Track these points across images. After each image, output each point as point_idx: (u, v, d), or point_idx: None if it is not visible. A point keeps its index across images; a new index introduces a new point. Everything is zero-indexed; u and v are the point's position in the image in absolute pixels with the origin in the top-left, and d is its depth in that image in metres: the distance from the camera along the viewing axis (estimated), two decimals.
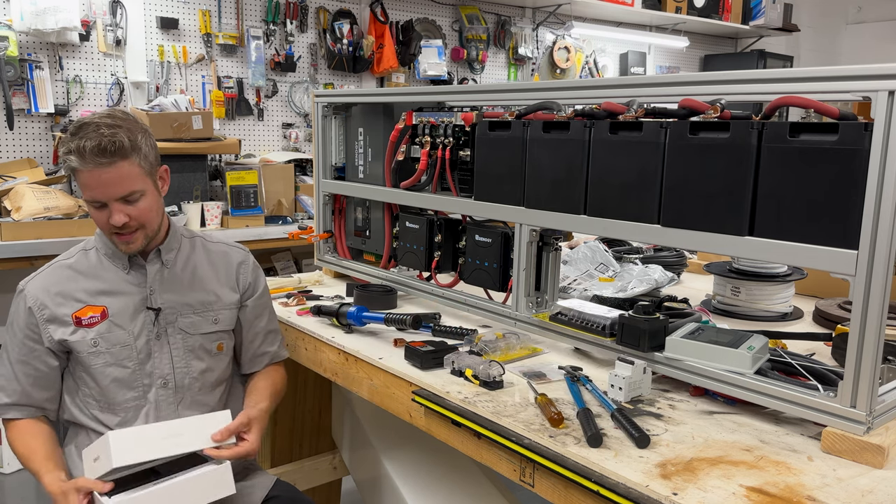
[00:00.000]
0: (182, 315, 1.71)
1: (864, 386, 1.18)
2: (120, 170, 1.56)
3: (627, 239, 1.94)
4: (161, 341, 1.69)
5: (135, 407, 1.67)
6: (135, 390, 1.67)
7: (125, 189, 1.58)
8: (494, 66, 5.60)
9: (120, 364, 1.65)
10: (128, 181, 1.57)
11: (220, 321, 1.77)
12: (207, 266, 1.79)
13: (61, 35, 3.69)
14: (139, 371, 1.66)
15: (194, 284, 1.75)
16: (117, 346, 1.65)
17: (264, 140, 4.65)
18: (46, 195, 3.30)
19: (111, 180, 1.56)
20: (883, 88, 1.11)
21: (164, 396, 1.68)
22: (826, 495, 1.08)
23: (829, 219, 1.21)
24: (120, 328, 1.65)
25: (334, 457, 2.60)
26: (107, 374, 1.64)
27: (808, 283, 2.22)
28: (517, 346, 1.69)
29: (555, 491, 1.25)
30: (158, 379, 1.68)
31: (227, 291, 1.79)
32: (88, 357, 1.64)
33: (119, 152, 1.54)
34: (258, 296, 1.85)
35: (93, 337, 1.63)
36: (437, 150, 1.90)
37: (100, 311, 1.65)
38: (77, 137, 1.53)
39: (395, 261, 2.21)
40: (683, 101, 1.39)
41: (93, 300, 1.66)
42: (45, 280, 1.67)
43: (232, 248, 1.86)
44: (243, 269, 1.83)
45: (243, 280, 1.83)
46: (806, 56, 7.40)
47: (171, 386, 1.69)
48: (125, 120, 1.61)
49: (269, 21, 4.50)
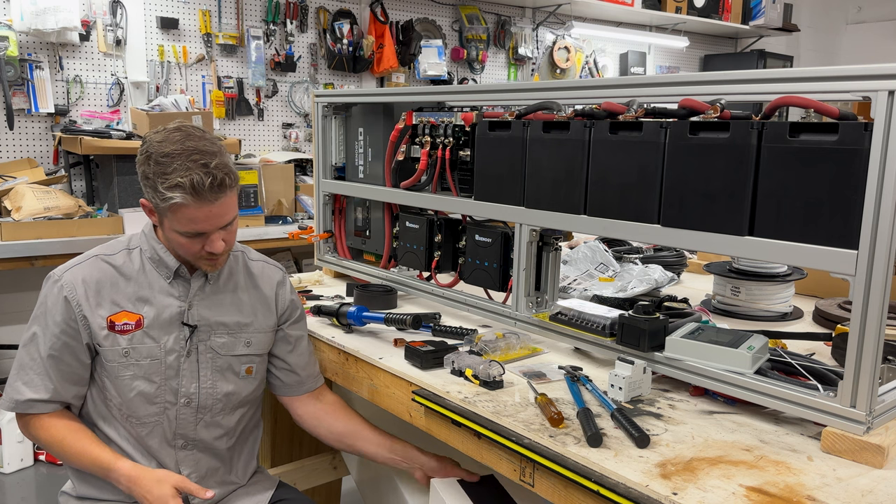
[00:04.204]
0: (216, 334, 1.64)
1: (863, 386, 1.18)
2: (228, 200, 1.50)
3: (627, 239, 1.93)
4: (191, 359, 1.61)
5: (154, 423, 1.60)
6: (157, 405, 1.59)
7: (230, 218, 1.52)
8: (494, 66, 5.61)
9: (147, 378, 1.57)
10: (232, 210, 1.52)
11: (253, 344, 1.70)
12: (247, 285, 1.71)
13: (61, 35, 3.69)
14: (164, 387, 1.59)
15: (233, 303, 1.67)
16: (147, 360, 1.57)
17: (264, 140, 4.65)
18: (46, 195, 3.30)
19: (220, 213, 1.49)
20: (883, 88, 1.11)
21: (185, 415, 1.62)
22: (826, 495, 1.08)
23: (828, 219, 1.20)
24: (152, 340, 1.58)
25: (334, 457, 2.60)
26: (133, 386, 1.57)
27: (808, 283, 2.22)
28: (517, 346, 1.69)
29: (555, 491, 1.26)
30: (183, 398, 1.61)
31: (264, 313, 1.72)
32: (117, 367, 1.56)
33: (229, 185, 1.48)
34: (300, 315, 1.81)
35: (124, 347, 1.55)
36: (437, 150, 1.90)
37: (135, 320, 1.56)
38: (182, 170, 1.42)
39: (395, 261, 2.21)
40: (683, 101, 1.39)
41: (131, 306, 1.57)
42: (84, 272, 1.56)
43: (270, 265, 1.79)
44: (281, 290, 1.76)
45: (282, 301, 1.76)
46: (806, 56, 7.41)
47: (193, 405, 1.62)
48: (213, 142, 1.50)
49: (269, 21, 4.50)
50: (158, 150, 1.47)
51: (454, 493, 1.63)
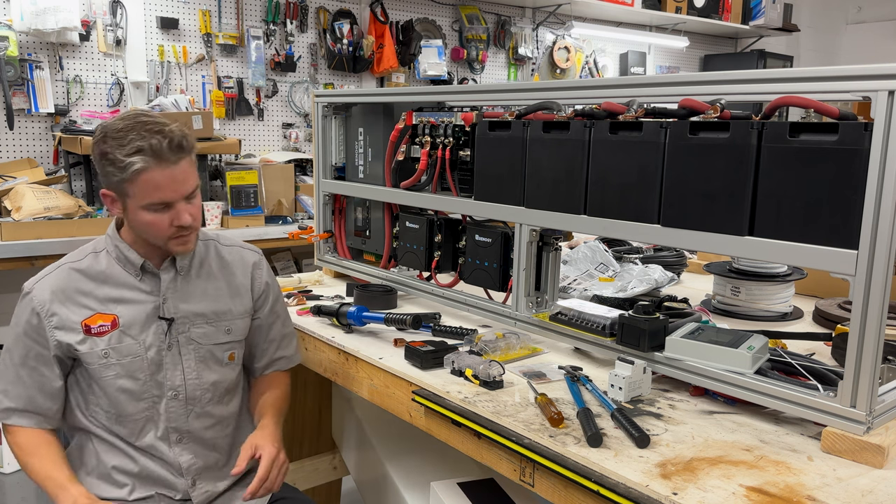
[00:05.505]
0: (195, 325, 1.65)
1: (864, 386, 1.18)
2: (186, 165, 1.52)
3: (627, 239, 1.93)
4: (172, 352, 1.62)
5: (144, 419, 1.61)
6: (144, 401, 1.60)
7: (192, 185, 1.54)
8: (494, 66, 5.61)
9: (131, 376, 1.58)
10: (192, 177, 1.54)
11: (233, 331, 1.71)
12: (221, 273, 1.72)
13: (61, 35, 3.69)
14: (150, 382, 1.60)
15: (207, 293, 1.68)
16: (128, 358, 1.58)
17: (264, 140, 4.65)
18: (46, 195, 3.30)
19: (182, 177, 1.51)
20: (883, 88, 1.11)
21: (174, 408, 1.62)
22: (826, 495, 1.08)
23: (828, 218, 1.20)
24: (131, 338, 1.58)
25: (334, 457, 2.60)
26: (117, 385, 1.58)
27: (808, 283, 2.22)
28: (517, 346, 1.69)
29: (555, 491, 1.26)
30: (170, 391, 1.62)
31: (241, 299, 1.73)
32: (98, 369, 1.57)
33: (187, 148, 1.51)
34: (273, 299, 1.81)
35: (103, 348, 1.56)
36: (437, 150, 1.90)
37: (110, 320, 1.57)
38: (138, 138, 1.46)
39: (395, 261, 2.21)
40: (683, 101, 1.39)
41: (103, 308, 1.58)
42: (52, 282, 1.59)
43: (245, 249, 1.80)
44: (258, 272, 1.78)
45: (258, 283, 1.77)
46: (806, 56, 7.41)
47: (181, 398, 1.63)
48: (167, 116, 1.57)
49: (269, 21, 4.50)
50: (112, 127, 1.50)
51: (454, 493, 1.63)
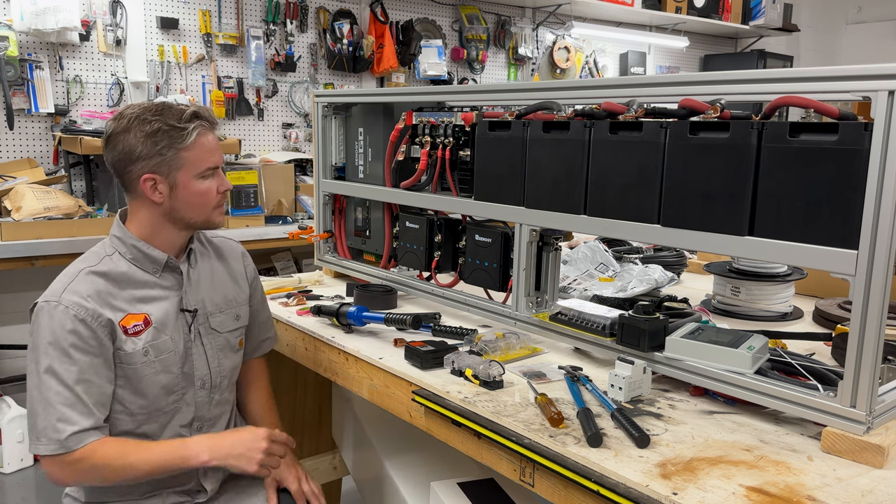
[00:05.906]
0: (212, 315, 1.70)
1: (863, 386, 1.18)
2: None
3: (627, 239, 1.93)
4: (197, 343, 1.66)
5: (173, 410, 1.63)
6: (175, 394, 1.63)
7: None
8: (494, 66, 5.61)
9: (167, 370, 1.60)
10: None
11: (241, 317, 1.78)
12: (220, 263, 1.77)
13: (61, 35, 3.69)
14: (180, 375, 1.63)
15: (216, 282, 1.73)
16: (165, 354, 1.59)
17: (264, 140, 4.65)
18: (46, 195, 3.30)
19: (218, 143, 1.62)
20: (883, 88, 1.11)
21: (201, 397, 1.67)
22: (826, 495, 1.08)
23: (828, 219, 1.20)
24: (163, 334, 1.59)
25: (334, 457, 2.60)
26: (156, 381, 1.58)
27: (808, 283, 2.22)
28: (517, 346, 1.69)
29: (555, 491, 1.26)
30: (197, 381, 1.66)
31: (240, 286, 1.79)
32: (141, 368, 1.55)
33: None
34: (258, 284, 1.88)
35: (143, 347, 1.55)
36: (437, 150, 1.90)
37: (142, 319, 1.56)
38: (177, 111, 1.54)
39: (395, 261, 2.21)
40: (683, 101, 1.39)
41: (132, 308, 1.56)
42: (80, 287, 1.50)
43: (229, 240, 1.86)
44: (247, 260, 1.85)
45: (250, 270, 1.84)
46: (806, 56, 7.41)
47: (207, 386, 1.68)
48: None
49: (269, 21, 4.50)
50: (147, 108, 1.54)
51: (453, 493, 1.63)
